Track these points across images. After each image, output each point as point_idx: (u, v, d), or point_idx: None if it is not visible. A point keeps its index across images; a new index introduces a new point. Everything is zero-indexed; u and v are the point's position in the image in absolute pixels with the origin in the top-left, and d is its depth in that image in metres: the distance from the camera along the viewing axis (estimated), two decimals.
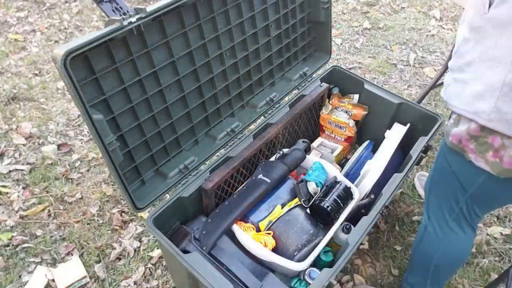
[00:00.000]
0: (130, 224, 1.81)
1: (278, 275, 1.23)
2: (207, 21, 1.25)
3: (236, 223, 1.27)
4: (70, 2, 3.41)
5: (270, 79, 1.66)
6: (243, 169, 1.45)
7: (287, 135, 1.63)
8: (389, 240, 1.78)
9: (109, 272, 1.65)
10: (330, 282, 1.07)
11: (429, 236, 1.25)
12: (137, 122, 1.19)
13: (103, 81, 1.05)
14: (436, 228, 1.23)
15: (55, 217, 1.84)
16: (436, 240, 1.23)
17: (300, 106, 1.59)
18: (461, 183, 1.10)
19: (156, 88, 1.19)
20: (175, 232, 1.28)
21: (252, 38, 1.46)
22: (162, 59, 1.18)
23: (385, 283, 1.64)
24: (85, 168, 2.07)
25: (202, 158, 1.39)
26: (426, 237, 1.27)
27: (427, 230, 1.26)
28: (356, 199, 1.33)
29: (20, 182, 1.97)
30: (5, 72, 2.64)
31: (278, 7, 1.51)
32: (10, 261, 1.66)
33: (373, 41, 3.01)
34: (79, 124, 2.32)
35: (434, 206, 1.23)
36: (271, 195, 1.38)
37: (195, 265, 1.07)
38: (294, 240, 1.22)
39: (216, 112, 1.47)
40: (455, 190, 1.13)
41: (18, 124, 2.26)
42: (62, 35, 3.04)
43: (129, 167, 1.22)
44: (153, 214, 1.21)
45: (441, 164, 1.17)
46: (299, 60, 1.78)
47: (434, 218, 1.23)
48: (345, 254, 1.13)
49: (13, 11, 3.21)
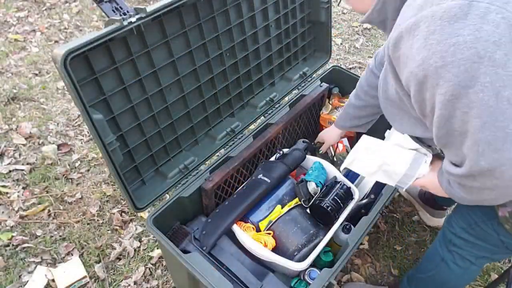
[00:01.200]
0: (130, 224, 1.81)
1: (278, 275, 1.23)
2: (207, 21, 1.25)
3: (236, 223, 1.27)
4: (70, 2, 3.41)
5: (270, 79, 1.66)
6: (243, 169, 1.45)
7: (287, 135, 1.63)
8: (389, 240, 1.78)
9: (109, 272, 1.65)
10: (330, 282, 1.07)
11: (446, 268, 1.23)
12: (137, 122, 1.19)
13: (103, 81, 1.05)
14: (458, 262, 1.20)
15: (55, 217, 1.84)
16: (455, 273, 1.22)
17: (300, 106, 1.59)
18: (508, 247, 1.07)
19: (156, 88, 1.19)
20: (175, 232, 1.28)
21: (252, 38, 1.46)
22: (162, 59, 1.18)
23: (385, 283, 1.64)
24: (85, 168, 2.07)
25: (202, 158, 1.39)
26: (443, 269, 1.24)
27: (445, 262, 1.23)
28: (356, 199, 1.33)
29: (20, 182, 1.97)
30: (5, 72, 2.64)
31: (278, 7, 1.51)
32: (10, 261, 1.66)
33: (373, 41, 3.01)
34: (79, 124, 2.32)
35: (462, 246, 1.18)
36: (271, 195, 1.38)
37: (195, 265, 1.07)
38: (294, 240, 1.22)
39: (216, 112, 1.47)
40: (496, 247, 1.10)
41: (18, 124, 2.26)
42: (62, 35, 3.04)
43: (129, 167, 1.22)
44: (153, 214, 1.21)
45: (483, 230, 1.09)
46: (299, 60, 1.78)
47: (458, 255, 1.19)
48: (345, 254, 1.13)
49: (13, 11, 3.21)
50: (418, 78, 0.75)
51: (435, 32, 0.69)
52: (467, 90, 0.68)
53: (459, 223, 1.16)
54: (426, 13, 0.71)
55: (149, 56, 1.13)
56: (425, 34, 0.71)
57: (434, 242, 1.31)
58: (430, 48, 0.70)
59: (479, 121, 0.69)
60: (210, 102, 1.42)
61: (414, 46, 0.73)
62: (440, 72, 0.70)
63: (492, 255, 1.15)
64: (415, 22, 0.72)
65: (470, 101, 0.69)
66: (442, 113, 0.74)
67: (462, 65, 0.67)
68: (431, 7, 0.70)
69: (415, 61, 0.74)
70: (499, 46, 0.66)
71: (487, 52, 0.66)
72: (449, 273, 1.23)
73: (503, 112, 0.68)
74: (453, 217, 1.20)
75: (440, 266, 1.24)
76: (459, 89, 0.69)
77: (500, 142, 0.69)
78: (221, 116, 1.49)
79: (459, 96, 0.70)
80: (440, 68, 0.69)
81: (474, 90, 0.68)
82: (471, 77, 0.67)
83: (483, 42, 0.66)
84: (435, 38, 0.69)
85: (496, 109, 0.68)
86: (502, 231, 1.02)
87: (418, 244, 1.77)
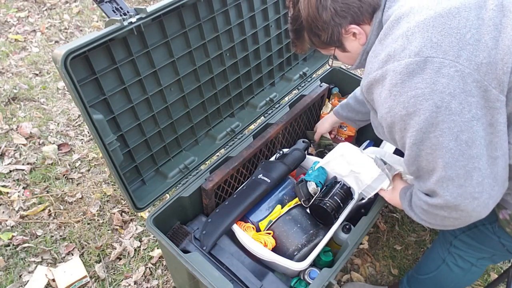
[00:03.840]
0: (130, 224, 1.82)
1: (278, 275, 1.24)
2: (207, 21, 1.25)
3: (236, 223, 1.27)
4: (70, 2, 3.41)
5: (270, 79, 1.66)
6: (243, 169, 1.45)
7: (287, 135, 1.63)
8: (389, 240, 1.78)
9: (110, 272, 1.65)
10: (330, 282, 1.07)
11: (447, 269, 1.23)
12: (137, 122, 1.19)
13: (104, 81, 1.05)
14: (459, 263, 1.20)
15: (55, 217, 1.84)
16: (456, 274, 1.22)
17: (300, 106, 1.59)
18: (509, 250, 1.07)
19: (156, 88, 1.20)
20: (175, 232, 1.29)
21: (252, 38, 1.46)
22: (162, 59, 1.18)
23: (385, 283, 1.64)
24: (85, 168, 2.07)
25: (202, 158, 1.40)
26: (444, 270, 1.25)
27: (446, 263, 1.23)
28: (356, 199, 1.33)
29: (20, 182, 1.97)
30: (6, 72, 2.64)
31: (278, 7, 1.51)
32: (11, 261, 1.66)
33: None
34: (80, 124, 2.32)
35: (462, 248, 1.18)
36: (271, 195, 1.38)
37: (195, 265, 1.07)
38: (294, 240, 1.22)
39: (216, 112, 1.47)
40: (496, 250, 1.10)
41: (18, 124, 2.26)
42: (63, 35, 3.05)
43: (129, 167, 1.23)
44: (153, 214, 1.21)
45: (483, 233, 1.09)
46: (299, 60, 1.78)
47: (459, 257, 1.20)
48: (345, 254, 1.13)
49: (13, 11, 3.21)
50: (387, 123, 0.86)
51: (397, 85, 0.80)
52: (429, 135, 0.79)
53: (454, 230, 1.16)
54: (389, 67, 0.81)
55: (149, 56, 1.13)
56: (389, 86, 0.81)
57: (434, 243, 1.31)
58: (395, 98, 0.81)
59: (442, 161, 0.79)
60: (210, 102, 1.42)
61: (382, 95, 0.85)
62: (405, 119, 0.81)
63: (492, 257, 1.15)
64: (382, 74, 0.83)
65: (433, 144, 0.79)
66: (410, 153, 0.84)
67: (422, 114, 0.78)
68: (393, 62, 0.81)
69: (384, 108, 0.85)
70: (454, 96, 0.75)
71: (444, 103, 0.76)
72: (450, 274, 1.23)
73: (463, 153, 0.77)
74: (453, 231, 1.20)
75: (441, 267, 1.24)
76: (422, 134, 0.80)
77: (462, 179, 0.79)
78: (221, 116, 1.49)
79: (423, 140, 0.80)
80: (405, 116, 0.81)
81: (435, 135, 0.78)
82: (431, 124, 0.78)
83: (439, 94, 0.76)
84: (397, 90, 0.80)
85: (456, 151, 0.77)
86: (503, 234, 1.02)
87: (418, 244, 1.78)
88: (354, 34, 0.96)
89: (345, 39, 0.98)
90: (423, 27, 0.79)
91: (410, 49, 0.79)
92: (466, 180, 0.79)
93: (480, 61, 0.76)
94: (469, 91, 0.75)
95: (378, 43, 0.88)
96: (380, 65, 0.84)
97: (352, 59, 1.04)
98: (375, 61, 0.86)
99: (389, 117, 0.84)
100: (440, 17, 0.79)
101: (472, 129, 0.76)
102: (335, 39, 0.97)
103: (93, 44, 0.91)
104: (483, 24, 0.78)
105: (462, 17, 0.78)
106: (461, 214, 0.83)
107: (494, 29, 0.77)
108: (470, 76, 0.75)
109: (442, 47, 0.76)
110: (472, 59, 0.76)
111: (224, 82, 1.43)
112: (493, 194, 0.81)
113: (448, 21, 0.78)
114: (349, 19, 0.93)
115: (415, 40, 0.79)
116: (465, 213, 0.82)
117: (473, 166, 0.78)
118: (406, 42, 0.80)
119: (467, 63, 0.76)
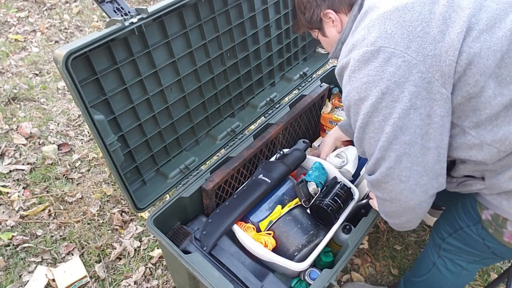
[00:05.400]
0: (130, 224, 1.82)
1: (278, 275, 1.24)
2: (208, 21, 1.25)
3: (236, 223, 1.27)
4: (70, 2, 3.41)
5: (271, 79, 1.66)
6: (243, 169, 1.45)
7: (287, 135, 1.63)
8: (389, 240, 1.78)
9: (110, 272, 1.65)
10: (331, 283, 1.07)
11: (438, 273, 1.23)
12: (138, 122, 1.19)
13: (104, 81, 1.05)
14: (450, 267, 1.20)
15: (55, 217, 1.84)
16: (447, 278, 1.22)
17: (300, 106, 1.59)
18: (494, 253, 1.06)
19: (157, 89, 1.20)
20: (175, 232, 1.28)
21: (252, 38, 1.46)
22: (163, 59, 1.18)
23: (385, 283, 1.65)
24: (85, 168, 2.07)
25: (202, 158, 1.40)
26: (435, 274, 1.24)
27: (437, 267, 1.23)
28: (356, 199, 1.33)
29: (20, 182, 1.97)
30: (6, 72, 2.64)
31: (278, 7, 1.51)
32: (11, 261, 1.66)
33: None
34: (80, 124, 2.32)
35: (451, 251, 1.18)
36: (272, 195, 1.38)
37: (196, 265, 1.07)
38: (294, 240, 1.22)
39: (217, 112, 1.47)
40: (483, 252, 1.09)
41: (18, 124, 2.26)
42: (63, 35, 3.05)
43: (130, 167, 1.22)
44: (153, 214, 1.21)
45: (469, 235, 1.09)
46: (299, 60, 1.78)
47: (449, 260, 1.20)
48: (346, 254, 1.13)
49: (13, 11, 3.21)
50: (346, 106, 0.94)
51: (355, 71, 0.87)
52: (373, 119, 0.86)
53: (446, 229, 1.16)
54: (352, 55, 0.88)
55: (150, 57, 1.13)
56: (349, 72, 0.89)
57: (426, 246, 1.31)
58: (352, 84, 0.88)
59: (379, 144, 0.86)
60: (211, 102, 1.42)
61: (344, 80, 0.92)
62: (358, 104, 0.88)
63: (483, 260, 1.14)
64: (347, 62, 0.90)
65: (375, 128, 0.86)
66: (357, 135, 0.91)
67: (370, 99, 0.84)
68: (355, 51, 0.87)
69: (344, 92, 0.93)
70: (398, 85, 0.81)
71: (388, 90, 0.82)
72: (441, 278, 1.23)
73: (396, 137, 0.83)
74: (440, 222, 1.21)
75: (432, 270, 1.25)
76: (368, 118, 0.86)
77: (392, 162, 0.85)
78: (222, 116, 1.50)
79: (368, 124, 0.87)
80: (357, 100, 0.88)
81: (378, 119, 0.85)
82: (376, 109, 0.84)
83: (386, 81, 0.82)
84: (354, 76, 0.87)
85: (391, 135, 0.84)
86: (487, 236, 1.02)
87: (418, 244, 1.78)
88: (332, 21, 1.04)
89: (325, 23, 1.07)
90: (382, 19, 0.85)
91: (368, 39, 0.85)
92: (396, 163, 0.85)
93: (427, 53, 0.80)
94: (413, 81, 0.80)
95: (350, 35, 0.95)
96: (346, 53, 0.91)
97: (331, 46, 1.11)
98: (344, 50, 0.93)
99: (346, 101, 0.92)
100: (396, 10, 0.84)
101: (408, 117, 0.82)
102: (316, 20, 1.07)
103: (94, 44, 0.91)
104: (434, 18, 0.82)
105: (416, 11, 0.83)
106: (391, 195, 0.89)
107: (443, 23, 0.81)
108: (416, 67, 0.80)
109: (395, 38, 0.82)
110: (420, 51, 0.80)
111: (224, 82, 1.43)
112: (421, 182, 0.86)
113: (403, 15, 0.83)
114: (327, 3, 1.02)
115: (374, 31, 0.85)
116: (394, 195, 0.89)
117: (403, 151, 0.83)
118: (366, 33, 0.86)
119: (414, 54, 0.80)
